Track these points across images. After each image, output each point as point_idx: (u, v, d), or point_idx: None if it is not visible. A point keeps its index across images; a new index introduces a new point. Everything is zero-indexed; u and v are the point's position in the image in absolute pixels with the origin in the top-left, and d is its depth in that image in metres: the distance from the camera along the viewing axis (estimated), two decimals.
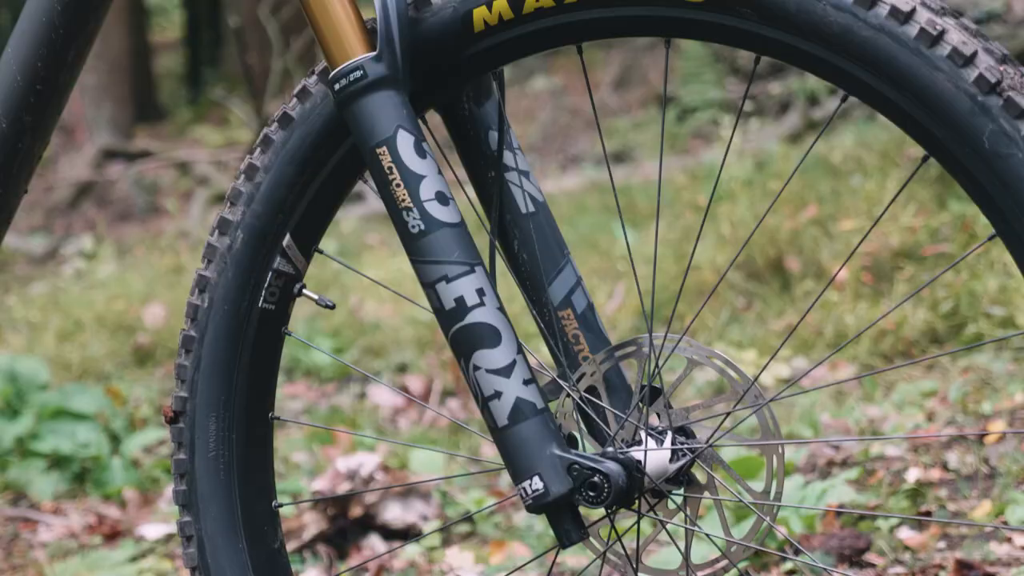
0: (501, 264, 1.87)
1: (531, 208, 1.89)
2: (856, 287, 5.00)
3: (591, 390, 1.83)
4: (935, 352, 4.44)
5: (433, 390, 5.10)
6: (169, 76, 25.52)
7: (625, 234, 1.96)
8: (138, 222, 10.96)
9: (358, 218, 9.00)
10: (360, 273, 1.95)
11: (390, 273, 6.67)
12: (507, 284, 1.88)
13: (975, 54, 1.58)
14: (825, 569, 2.38)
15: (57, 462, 4.44)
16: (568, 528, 1.72)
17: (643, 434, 1.77)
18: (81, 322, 6.51)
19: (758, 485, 1.78)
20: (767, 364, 1.77)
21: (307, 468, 4.25)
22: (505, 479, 3.85)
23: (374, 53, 1.72)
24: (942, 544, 3.02)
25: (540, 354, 2.09)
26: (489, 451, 4.22)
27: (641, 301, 2.10)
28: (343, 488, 3.64)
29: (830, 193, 5.99)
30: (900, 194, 5.42)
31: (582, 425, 1.83)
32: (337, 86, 1.73)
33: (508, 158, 1.89)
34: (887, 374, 4.37)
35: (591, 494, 1.70)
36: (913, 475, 3.31)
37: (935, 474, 3.33)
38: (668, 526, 1.83)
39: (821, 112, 8.60)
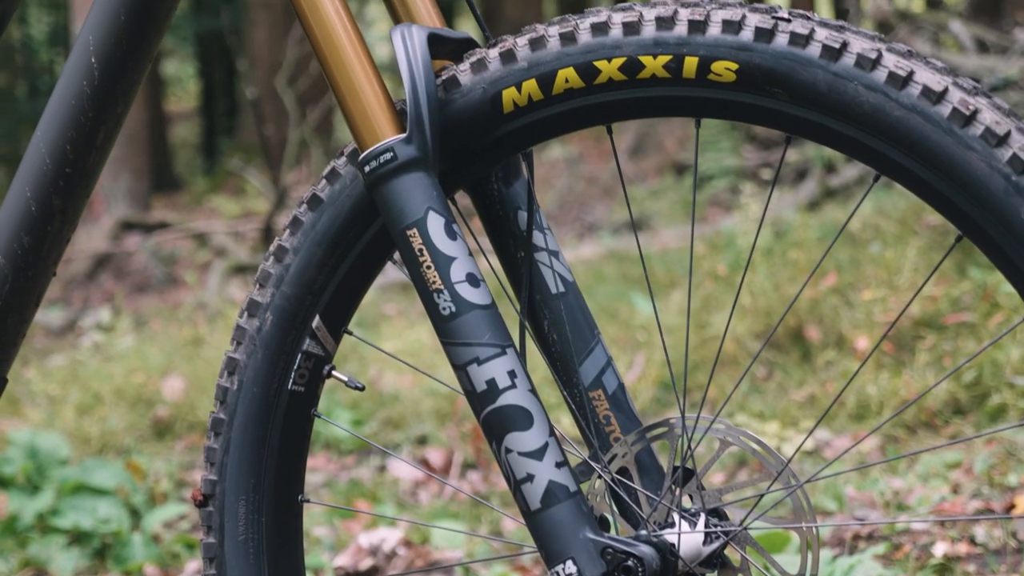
0: (531, 343, 1.86)
1: (561, 288, 1.88)
2: (877, 356, 4.99)
3: (623, 471, 1.81)
4: (958, 422, 4.42)
5: (453, 462, 5.08)
6: (185, 146, 25.65)
7: (655, 306, 1.95)
8: (156, 293, 10.99)
9: (375, 288, 8.99)
10: (387, 353, 1.94)
11: (408, 344, 6.67)
12: (533, 357, 1.87)
13: (1008, 134, 1.57)
14: None
15: (78, 538, 4.42)
16: None
17: (676, 516, 1.76)
18: (100, 395, 6.50)
19: (786, 560, 1.77)
20: (800, 446, 1.76)
21: (329, 543, 4.22)
22: (529, 554, 3.82)
23: (404, 135, 1.72)
24: None
25: (568, 431, 2.08)
26: (510, 525, 4.20)
27: (672, 379, 2.09)
28: (365, 564, 3.62)
29: (849, 261, 5.98)
30: (920, 263, 5.44)
31: (614, 507, 1.82)
32: (367, 168, 1.73)
33: (538, 238, 1.88)
34: (910, 445, 4.35)
35: None
36: (940, 550, 3.29)
37: (962, 548, 3.30)
38: None
39: (838, 180, 8.61)
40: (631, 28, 1.69)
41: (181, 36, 22.84)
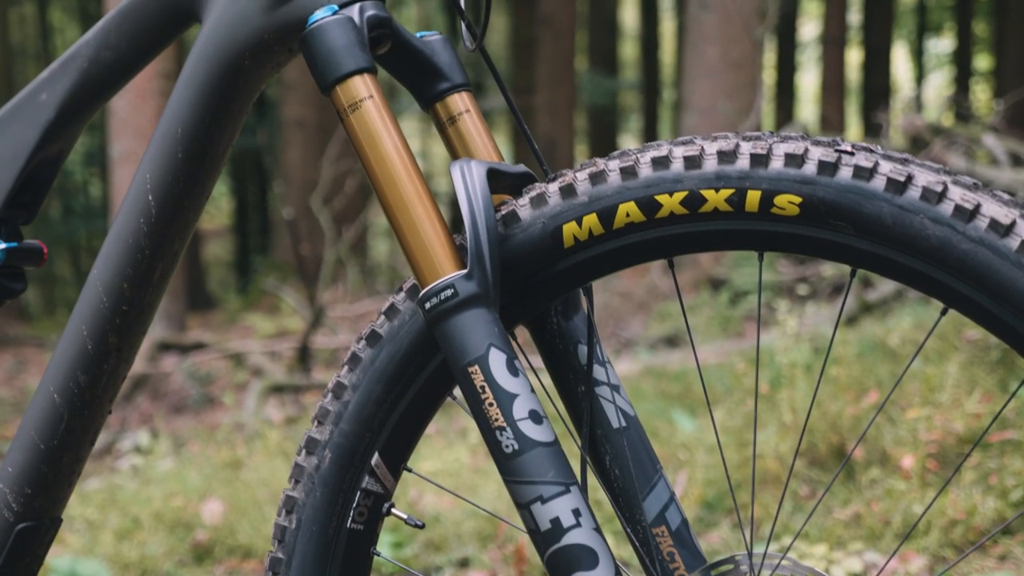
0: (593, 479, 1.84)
1: (623, 423, 1.86)
2: (922, 475, 4.94)
3: None
4: (1007, 542, 4.36)
5: None
6: (218, 264, 25.78)
7: (715, 425, 1.93)
8: (193, 414, 10.98)
9: None
10: (447, 490, 1.92)
11: (447, 464, 6.63)
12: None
13: None
14: None
15: None
16: None
17: None
18: (139, 520, 6.47)
19: None
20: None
21: None
22: None
23: (465, 271, 1.71)
24: None
25: (632, 569, 2.05)
26: None
27: (738, 516, 2.06)
28: None
29: (889, 377, 5.94)
30: (962, 379, 5.40)
31: None
32: (428, 305, 1.72)
33: (599, 372, 1.87)
34: (960, 566, 4.29)
35: None
36: None
37: None
38: None
39: (876, 294, 8.58)
40: (692, 162, 1.69)
41: None
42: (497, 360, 1.69)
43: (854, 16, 26.66)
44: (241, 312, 16.65)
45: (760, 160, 1.66)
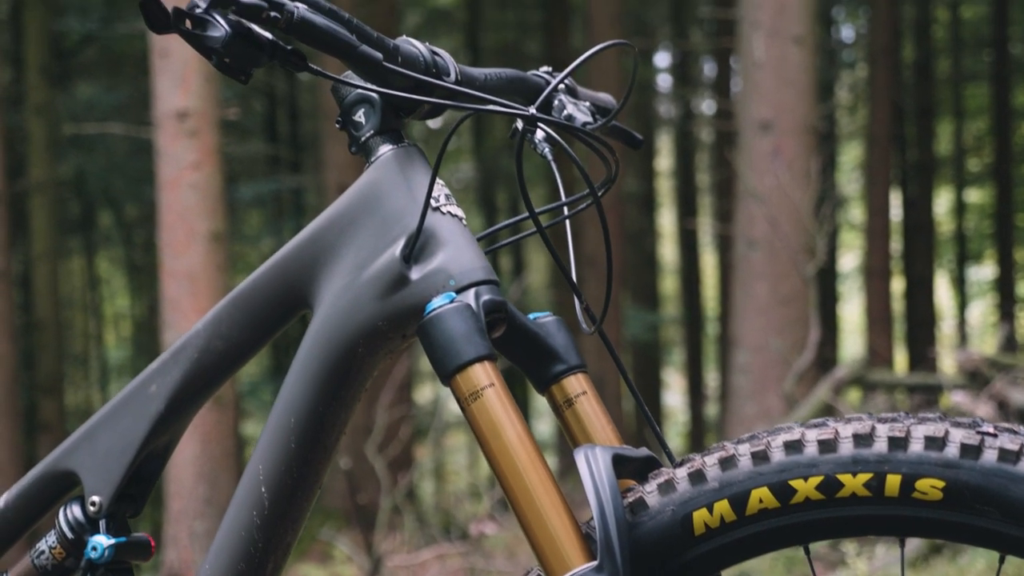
0: None
1: None
2: None
3: None
4: None
5: None
6: None
7: None
8: None
9: None
10: None
11: None
12: None
13: None
14: None
15: None
16: None
17: None
18: None
19: None
20: None
21: None
22: None
23: (595, 563, 1.65)
24: None
25: None
26: None
27: None
28: None
29: None
30: None
31: None
32: None
33: None
34: None
35: None
36: None
37: None
38: None
39: None
40: (827, 446, 1.64)
41: (262, 398, 23.00)
42: None
43: (894, 246, 26.79)
44: (294, 562, 16.48)
45: (898, 443, 1.61)
